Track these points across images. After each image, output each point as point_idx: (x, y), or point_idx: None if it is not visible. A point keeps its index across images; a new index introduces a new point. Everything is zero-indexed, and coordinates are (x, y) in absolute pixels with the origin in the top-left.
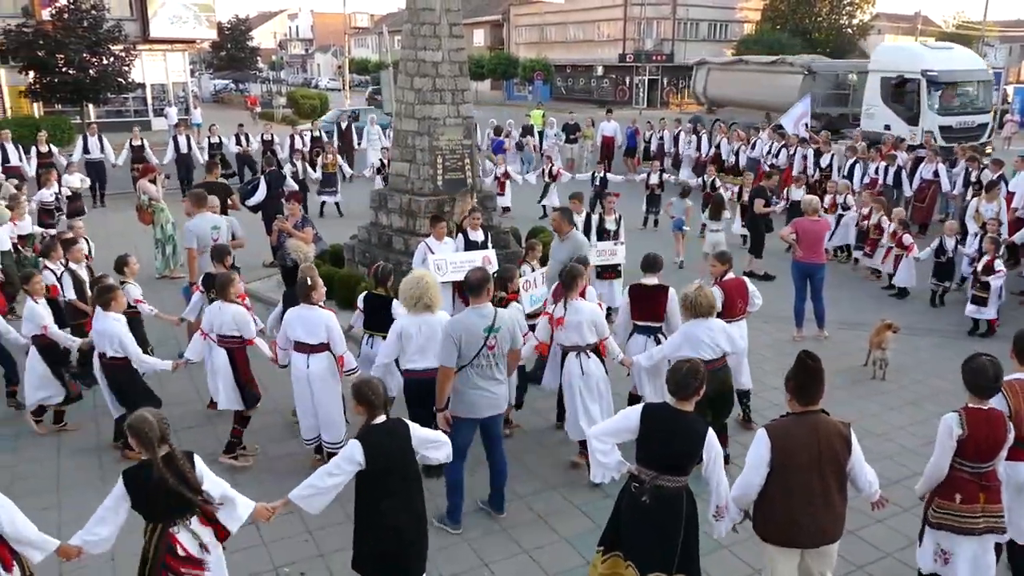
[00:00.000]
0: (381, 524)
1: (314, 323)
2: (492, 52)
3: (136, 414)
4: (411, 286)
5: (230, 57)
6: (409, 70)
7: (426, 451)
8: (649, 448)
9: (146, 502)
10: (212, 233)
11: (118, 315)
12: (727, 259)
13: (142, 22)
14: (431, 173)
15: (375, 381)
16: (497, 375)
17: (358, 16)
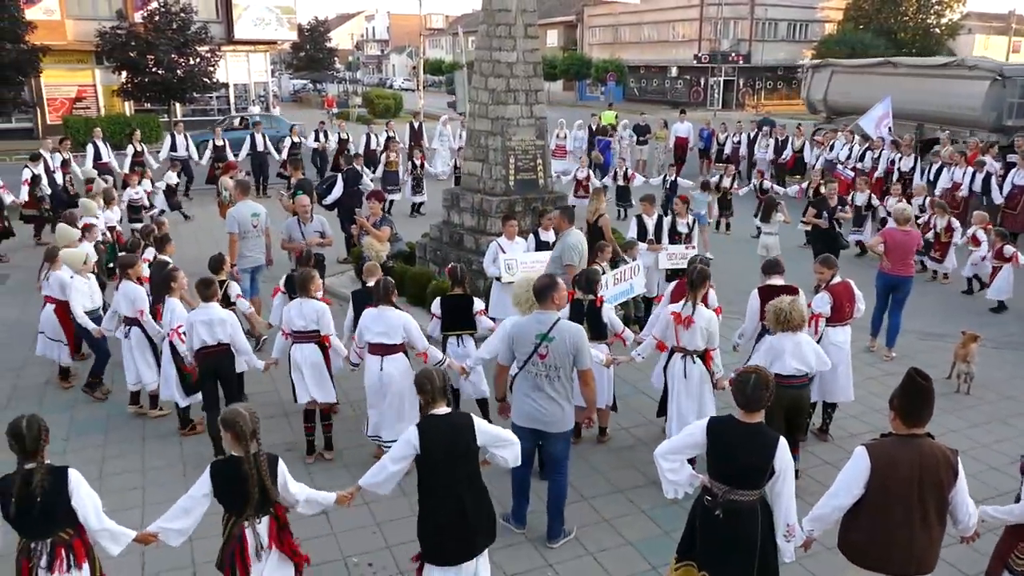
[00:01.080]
0: (431, 510)
1: (393, 324)
2: (565, 53)
3: (231, 408)
4: (524, 288)
5: (309, 58)
6: (484, 70)
7: (494, 449)
8: (718, 463)
9: (229, 494)
10: (252, 220)
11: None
12: (832, 264)
13: (227, 24)
14: (503, 173)
15: (433, 371)
16: (547, 389)
17: (433, 17)
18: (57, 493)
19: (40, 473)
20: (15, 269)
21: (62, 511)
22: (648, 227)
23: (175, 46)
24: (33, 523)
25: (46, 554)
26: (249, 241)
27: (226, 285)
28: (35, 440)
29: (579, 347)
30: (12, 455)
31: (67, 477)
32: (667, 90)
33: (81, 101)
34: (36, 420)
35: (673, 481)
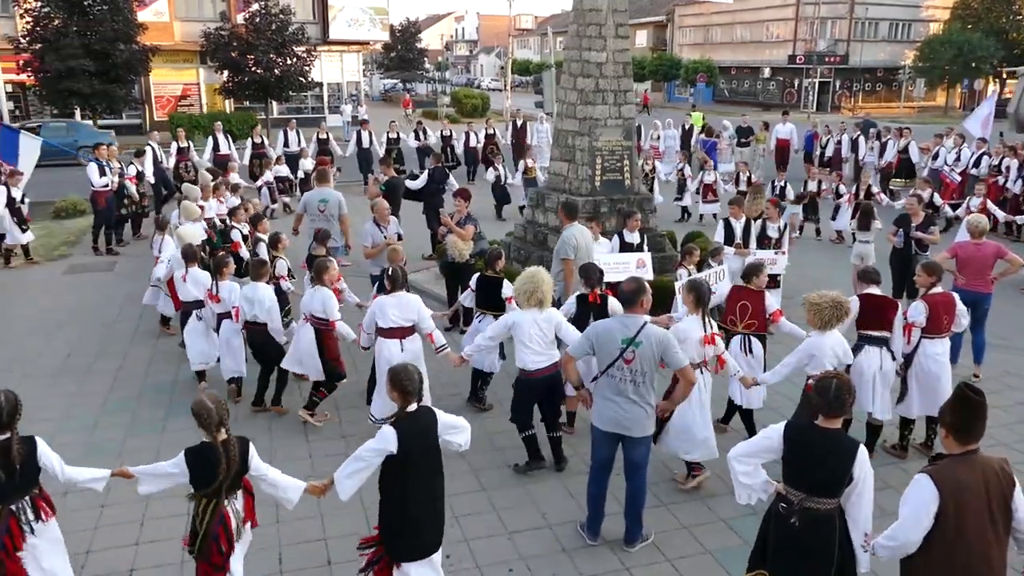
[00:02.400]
0: (404, 508)
1: (411, 307)
2: (654, 53)
3: (197, 400)
4: (524, 282)
5: (399, 58)
6: (572, 70)
7: (448, 435)
8: (795, 469)
9: (205, 479)
10: (319, 204)
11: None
12: (934, 270)
13: (323, 25)
14: (589, 173)
15: (411, 368)
16: (631, 393)
17: (522, 18)
18: (31, 457)
19: (16, 443)
20: (122, 257)
21: (35, 472)
22: (736, 231)
23: (273, 46)
24: (14, 486)
25: (30, 508)
26: (316, 223)
27: (275, 262)
28: (11, 415)
29: (667, 349)
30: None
31: (35, 443)
32: (759, 92)
33: (185, 99)
34: (11, 396)
35: (746, 485)
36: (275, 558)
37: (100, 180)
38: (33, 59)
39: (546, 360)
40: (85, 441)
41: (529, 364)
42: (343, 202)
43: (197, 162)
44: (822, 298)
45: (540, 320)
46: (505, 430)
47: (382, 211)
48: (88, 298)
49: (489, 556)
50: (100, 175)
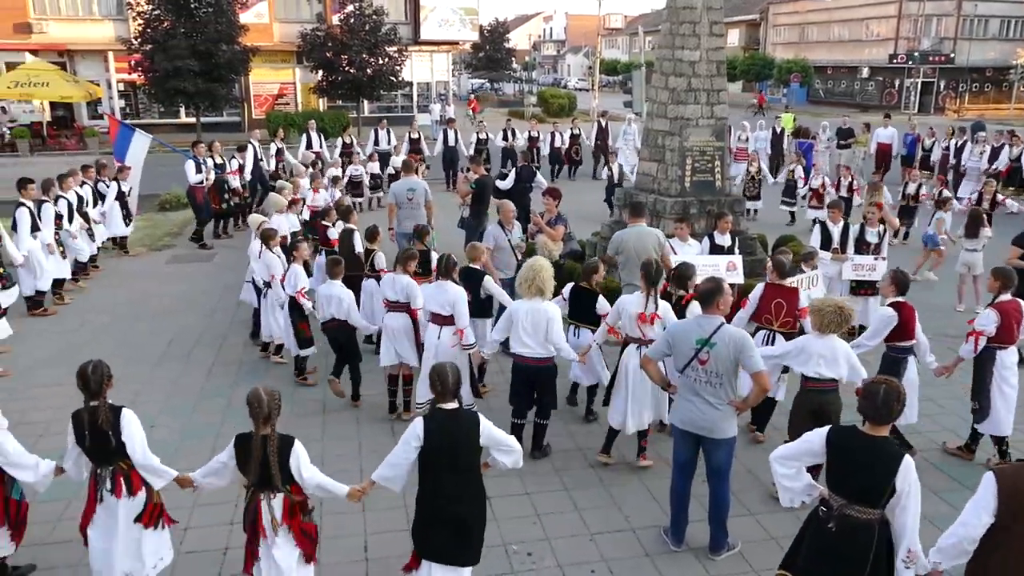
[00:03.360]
0: (429, 505)
1: (448, 297)
2: (746, 53)
3: (254, 390)
4: (525, 271)
5: (487, 58)
6: (664, 69)
7: (496, 453)
8: (836, 475)
9: (244, 466)
10: (407, 193)
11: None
12: (1005, 275)
13: (414, 25)
14: (679, 174)
15: (447, 368)
16: (707, 395)
17: (612, 17)
18: (115, 428)
19: (103, 411)
20: (219, 249)
21: (119, 444)
22: (833, 235)
23: (366, 47)
24: (98, 452)
25: (109, 479)
26: (404, 211)
27: (372, 255)
28: (98, 383)
29: (744, 351)
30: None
31: (120, 415)
32: (856, 92)
33: (282, 97)
34: (101, 366)
35: (788, 488)
36: (360, 545)
37: (195, 176)
38: (143, 59)
39: (536, 350)
40: (183, 425)
41: (519, 349)
42: (428, 190)
43: (292, 163)
44: (824, 303)
45: (535, 310)
46: (589, 431)
47: (507, 214)
48: (188, 288)
49: (571, 556)
50: (196, 172)
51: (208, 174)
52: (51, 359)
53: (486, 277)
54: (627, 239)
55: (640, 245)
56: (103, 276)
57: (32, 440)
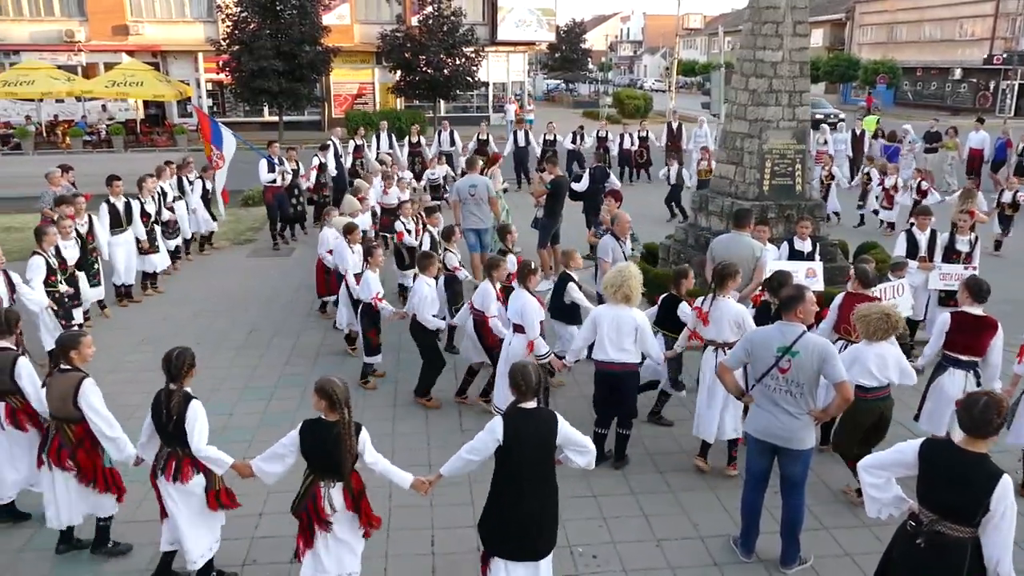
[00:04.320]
0: (503, 502)
1: (517, 306)
2: (830, 53)
3: (325, 377)
4: (612, 275)
5: (563, 58)
6: (745, 70)
7: (570, 452)
8: (927, 489)
9: (312, 453)
10: (469, 190)
11: (431, 280)
12: None
13: (491, 26)
14: (757, 177)
15: (530, 367)
16: (786, 404)
17: (691, 17)
18: (180, 415)
19: (177, 396)
20: (300, 244)
21: (179, 431)
22: (920, 243)
23: (444, 47)
24: (164, 434)
25: (163, 460)
26: (467, 206)
27: (445, 255)
28: (179, 368)
29: (827, 361)
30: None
31: (189, 404)
32: (947, 95)
33: (361, 97)
34: (185, 354)
35: (876, 499)
36: (427, 539)
37: (267, 176)
38: (230, 60)
39: (618, 356)
40: (262, 410)
41: (601, 355)
42: (491, 186)
43: (371, 161)
44: (871, 309)
45: (620, 316)
46: (657, 435)
47: (624, 224)
48: (268, 280)
49: (636, 561)
50: (268, 171)
51: (283, 175)
52: (135, 347)
53: (569, 284)
54: (719, 248)
55: (728, 255)
56: (188, 268)
57: (121, 423)
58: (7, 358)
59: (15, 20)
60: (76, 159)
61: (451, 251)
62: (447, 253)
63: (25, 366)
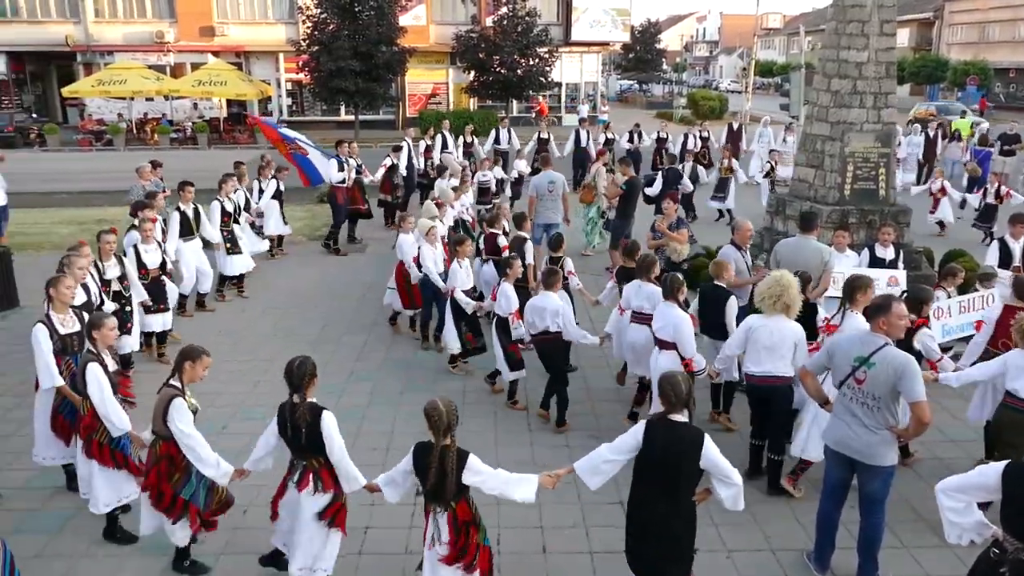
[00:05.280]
0: (638, 516)
1: (668, 320)
2: (916, 53)
3: (432, 401)
4: (770, 284)
5: (637, 59)
6: (828, 71)
7: (714, 479)
8: (1012, 514)
9: (423, 475)
10: (548, 186)
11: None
12: None
13: (565, 26)
14: (838, 181)
15: (679, 379)
16: (862, 416)
17: (770, 17)
18: (312, 426)
19: (302, 408)
20: (372, 242)
21: (313, 442)
22: (1014, 252)
23: (518, 48)
24: (297, 446)
25: (298, 473)
26: (545, 202)
27: (561, 261)
28: (300, 378)
29: (904, 377)
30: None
31: (321, 416)
32: None
33: (434, 97)
34: (306, 363)
35: (955, 523)
36: (494, 538)
37: (337, 176)
38: (310, 60)
39: (772, 370)
40: (333, 405)
41: (751, 367)
42: (566, 182)
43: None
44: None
45: (779, 328)
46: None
47: (744, 232)
48: (341, 277)
49: (706, 572)
50: (338, 171)
51: (350, 173)
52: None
53: (731, 299)
54: (785, 253)
55: (794, 259)
56: (263, 262)
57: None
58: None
59: (110, 22)
60: (163, 155)
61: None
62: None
63: (93, 370)
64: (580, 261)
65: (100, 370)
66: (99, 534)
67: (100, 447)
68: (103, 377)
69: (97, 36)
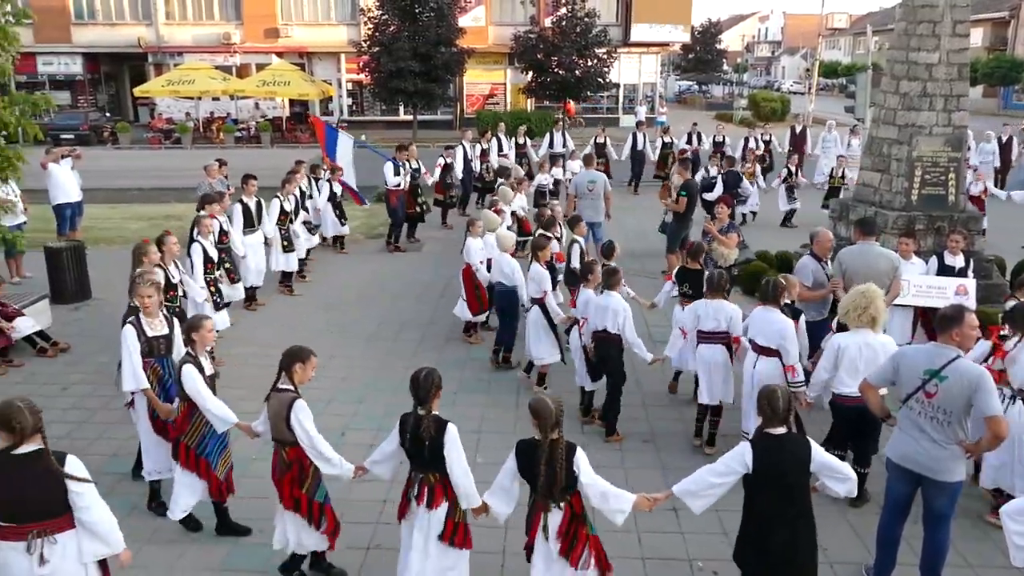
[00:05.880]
0: (756, 530)
1: (775, 327)
2: (990, 54)
3: (539, 398)
4: (854, 296)
5: (697, 59)
6: (896, 72)
7: (826, 479)
8: None
9: (527, 474)
10: (588, 185)
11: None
12: None
13: (624, 27)
14: (905, 186)
15: (778, 393)
16: (931, 431)
17: (835, 16)
18: (436, 440)
19: (427, 421)
20: (429, 241)
21: (435, 456)
22: None
23: (576, 48)
24: (415, 458)
25: (416, 485)
26: (584, 201)
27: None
28: (426, 391)
29: (979, 391)
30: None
31: (445, 430)
32: None
33: (492, 97)
34: (432, 375)
35: (1021, 547)
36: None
37: (394, 179)
38: (371, 60)
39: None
40: (387, 402)
41: (842, 388)
42: (608, 182)
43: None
44: None
45: (868, 344)
46: None
47: (824, 243)
48: (398, 275)
49: None
50: (394, 174)
51: (405, 177)
52: (272, 337)
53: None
54: (851, 260)
55: (867, 268)
56: (322, 259)
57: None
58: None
59: (180, 24)
60: (228, 153)
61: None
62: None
63: (188, 371)
64: (635, 264)
65: (195, 370)
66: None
67: (187, 450)
68: (199, 376)
69: (168, 38)
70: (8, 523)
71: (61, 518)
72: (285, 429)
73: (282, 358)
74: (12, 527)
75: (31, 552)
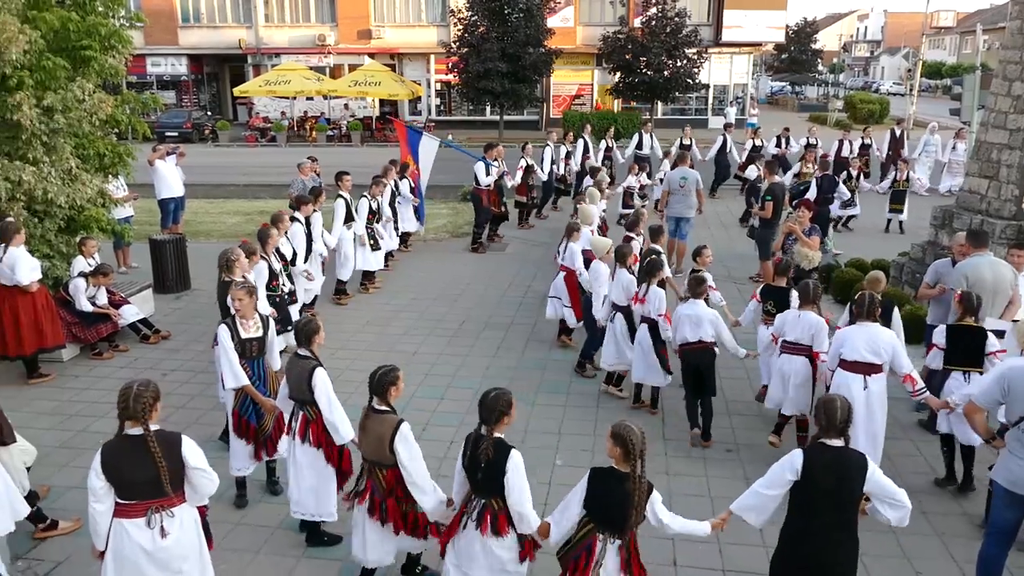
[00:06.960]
0: (798, 546)
1: (879, 342)
2: None
3: (624, 424)
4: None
5: (791, 59)
6: (1008, 73)
7: (879, 502)
8: None
9: (597, 503)
10: (679, 181)
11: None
12: None
13: (716, 26)
14: (1015, 194)
15: (836, 403)
16: None
17: (941, 15)
18: (497, 466)
19: (487, 443)
20: (512, 240)
21: (497, 482)
22: None
23: (666, 49)
24: (474, 481)
25: (476, 511)
26: (676, 196)
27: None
28: (492, 412)
29: None
30: None
31: (508, 455)
32: None
33: (579, 98)
34: (502, 395)
35: None
36: None
37: (485, 179)
38: (459, 61)
39: None
40: (470, 400)
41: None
42: (700, 179)
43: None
44: None
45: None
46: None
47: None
48: (482, 274)
49: None
50: (485, 174)
51: (495, 177)
52: (361, 328)
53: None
54: (967, 271)
55: (995, 278)
56: (407, 257)
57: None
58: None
59: (278, 26)
60: (319, 151)
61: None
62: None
63: (320, 376)
64: (721, 270)
65: (327, 376)
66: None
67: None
68: (329, 384)
69: (266, 39)
70: (128, 500)
71: (175, 495)
72: (387, 452)
73: (374, 382)
74: (133, 504)
75: (151, 527)
